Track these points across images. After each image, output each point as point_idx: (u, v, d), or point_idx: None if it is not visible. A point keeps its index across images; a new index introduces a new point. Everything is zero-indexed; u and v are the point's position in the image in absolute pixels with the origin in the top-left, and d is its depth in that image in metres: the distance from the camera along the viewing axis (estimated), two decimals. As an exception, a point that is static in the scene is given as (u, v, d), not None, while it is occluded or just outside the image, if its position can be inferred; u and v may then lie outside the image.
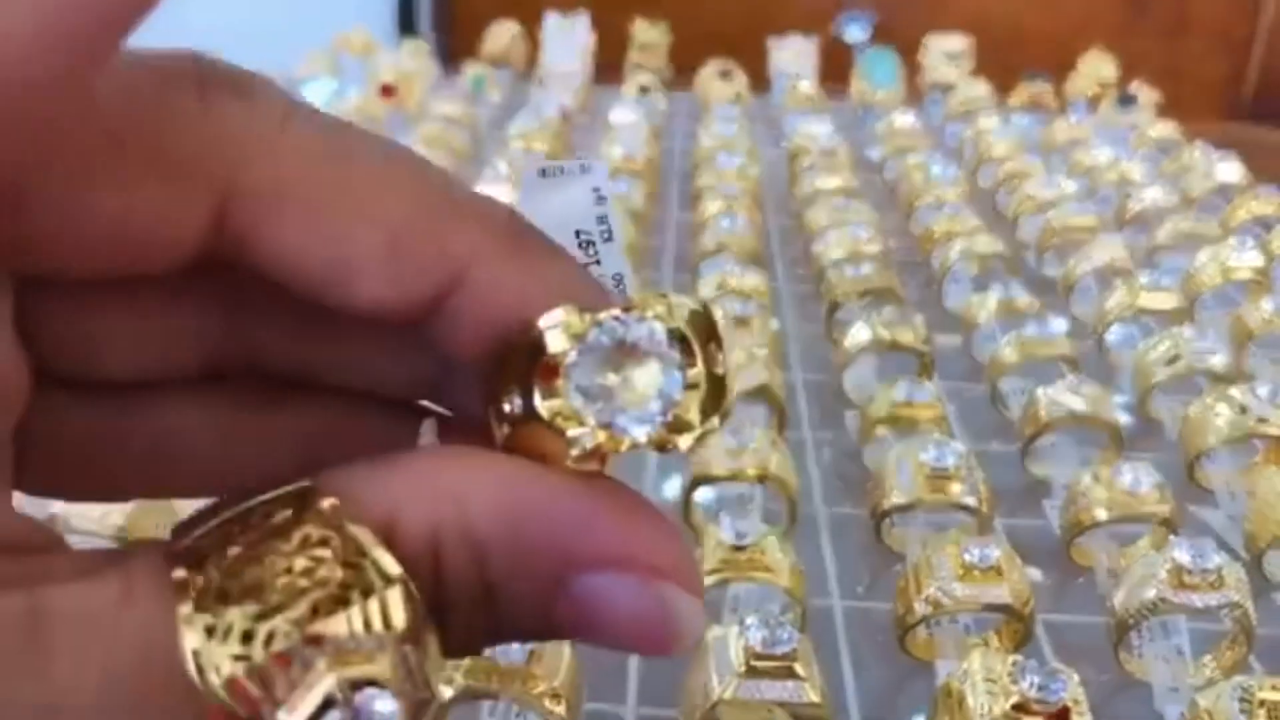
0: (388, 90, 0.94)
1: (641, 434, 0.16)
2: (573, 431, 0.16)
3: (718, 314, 0.17)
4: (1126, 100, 0.98)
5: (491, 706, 0.35)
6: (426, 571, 0.15)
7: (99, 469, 0.19)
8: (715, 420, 0.17)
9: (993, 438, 0.55)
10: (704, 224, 0.70)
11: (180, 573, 0.14)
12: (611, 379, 0.16)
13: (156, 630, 0.14)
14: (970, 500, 0.44)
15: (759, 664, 0.33)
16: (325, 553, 0.15)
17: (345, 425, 0.19)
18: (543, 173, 0.19)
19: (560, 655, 0.34)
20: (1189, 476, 0.51)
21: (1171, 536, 0.40)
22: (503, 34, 1.08)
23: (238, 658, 0.14)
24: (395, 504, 0.15)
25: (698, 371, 0.16)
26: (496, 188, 0.73)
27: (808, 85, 1.01)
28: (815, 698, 0.33)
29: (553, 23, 1.04)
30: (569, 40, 1.04)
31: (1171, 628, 0.40)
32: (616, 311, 0.16)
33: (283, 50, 1.04)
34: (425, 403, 0.20)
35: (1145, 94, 1.00)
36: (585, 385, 0.16)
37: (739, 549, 0.39)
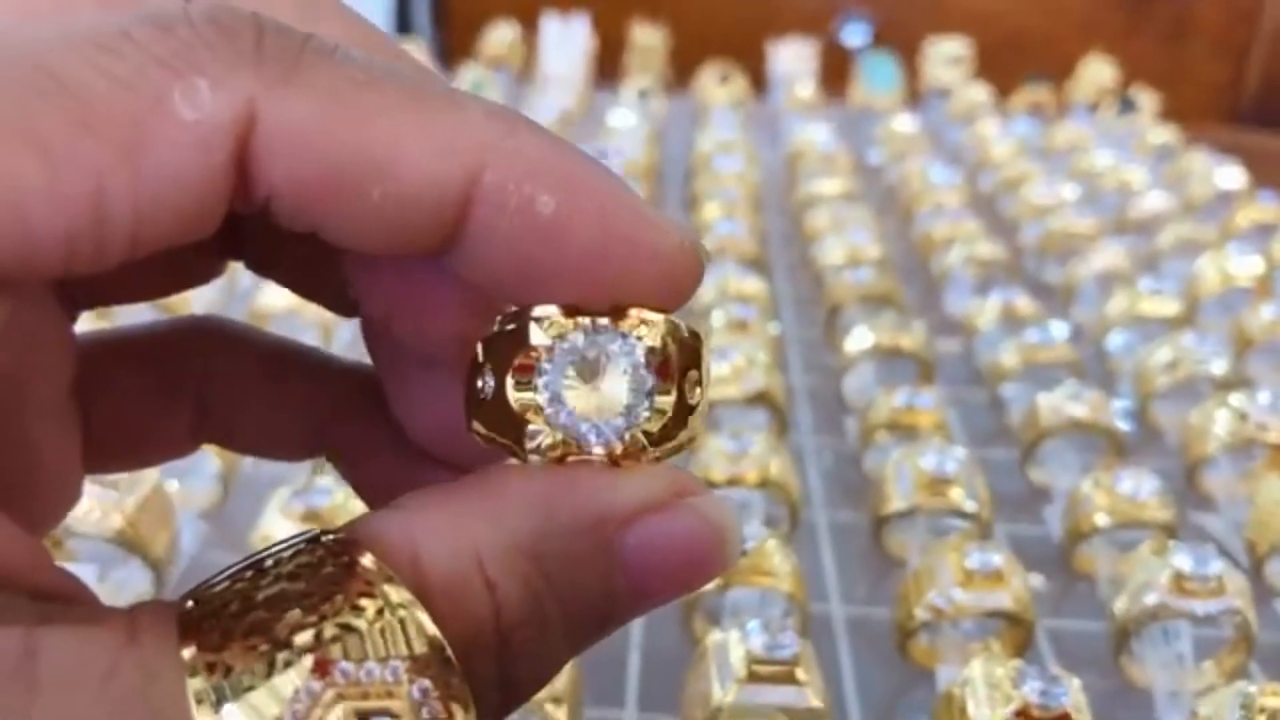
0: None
1: (597, 446, 0.16)
2: (532, 427, 0.16)
3: (706, 348, 0.17)
4: (1127, 105, 0.98)
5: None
6: (477, 594, 0.15)
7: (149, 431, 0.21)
8: (669, 447, 0.17)
9: (993, 443, 0.55)
10: (703, 227, 0.70)
11: (186, 615, 0.14)
12: (581, 387, 0.16)
13: (158, 670, 0.14)
14: (970, 506, 0.44)
15: (760, 669, 0.33)
16: (335, 589, 0.14)
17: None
18: None
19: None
20: (1189, 483, 0.51)
21: (1172, 543, 0.40)
22: (501, 35, 1.07)
23: (243, 691, 0.13)
24: (415, 539, 0.15)
25: (668, 400, 0.16)
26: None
27: (807, 89, 1.01)
28: (818, 703, 0.33)
29: (551, 25, 1.04)
30: (568, 43, 1.03)
31: (1172, 634, 0.40)
32: (606, 320, 0.16)
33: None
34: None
35: (1146, 99, 1.00)
36: (555, 386, 0.16)
37: (740, 553, 0.39)
